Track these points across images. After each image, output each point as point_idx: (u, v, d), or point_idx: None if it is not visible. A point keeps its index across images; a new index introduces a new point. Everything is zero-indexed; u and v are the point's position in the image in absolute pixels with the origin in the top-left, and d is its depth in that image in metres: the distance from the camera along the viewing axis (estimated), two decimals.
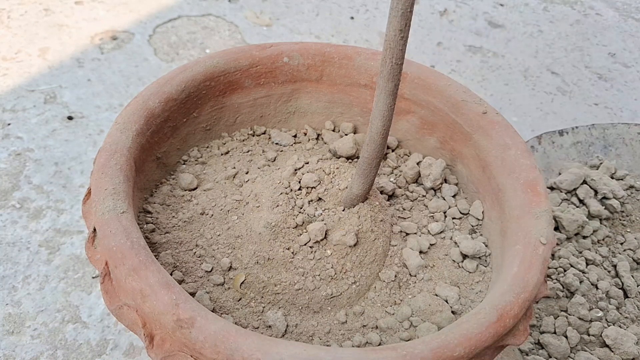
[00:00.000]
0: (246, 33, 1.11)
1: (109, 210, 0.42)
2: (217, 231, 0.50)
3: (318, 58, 0.60)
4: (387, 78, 0.41)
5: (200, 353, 0.37)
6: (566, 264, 0.63)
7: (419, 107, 0.59)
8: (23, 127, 0.86)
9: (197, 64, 0.56)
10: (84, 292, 0.66)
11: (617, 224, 0.70)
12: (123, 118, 0.50)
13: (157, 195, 0.53)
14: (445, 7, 1.25)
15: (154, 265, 0.40)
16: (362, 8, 1.22)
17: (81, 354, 0.61)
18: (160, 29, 1.09)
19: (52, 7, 1.10)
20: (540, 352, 0.58)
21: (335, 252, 0.48)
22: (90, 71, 0.97)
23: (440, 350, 0.37)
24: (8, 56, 0.98)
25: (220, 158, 0.59)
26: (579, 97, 1.05)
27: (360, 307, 0.48)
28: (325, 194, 0.49)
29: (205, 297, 0.45)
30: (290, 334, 0.46)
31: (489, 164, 0.53)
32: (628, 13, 1.29)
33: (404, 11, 0.38)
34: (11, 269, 0.68)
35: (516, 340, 0.42)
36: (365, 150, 0.45)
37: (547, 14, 1.27)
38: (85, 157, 0.82)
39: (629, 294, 0.64)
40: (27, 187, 0.77)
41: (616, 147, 0.77)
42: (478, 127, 0.54)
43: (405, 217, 0.55)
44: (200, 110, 0.58)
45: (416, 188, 0.57)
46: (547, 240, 0.45)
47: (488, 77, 1.08)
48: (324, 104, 0.63)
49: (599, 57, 1.15)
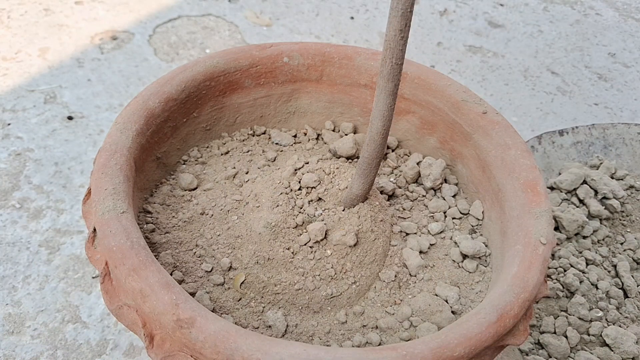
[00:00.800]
0: (246, 33, 1.11)
1: (109, 210, 0.42)
2: (217, 231, 0.50)
3: (318, 58, 0.60)
4: (387, 78, 0.41)
5: (200, 353, 0.37)
6: (566, 264, 0.64)
7: (419, 107, 0.59)
8: (23, 127, 0.86)
9: (197, 64, 0.56)
10: (84, 292, 0.66)
11: (617, 224, 0.70)
12: (123, 118, 0.50)
13: (157, 195, 0.53)
14: (445, 7, 1.25)
15: (154, 265, 0.40)
16: (362, 8, 1.22)
17: (81, 354, 0.61)
18: (160, 29, 1.09)
19: (52, 7, 1.10)
20: (540, 352, 0.58)
21: (335, 252, 0.48)
22: (90, 71, 0.97)
23: (440, 350, 0.37)
24: (8, 56, 0.98)
25: (220, 158, 0.59)
26: (579, 97, 1.05)
27: (360, 307, 0.48)
28: (325, 194, 0.49)
29: (205, 297, 0.45)
30: (290, 334, 0.46)
31: (489, 164, 0.53)
32: (628, 13, 1.29)
33: (404, 11, 0.38)
34: (11, 269, 0.68)
35: (516, 340, 0.42)
36: (365, 150, 0.45)
37: (547, 14, 1.27)
38: (85, 157, 0.82)
39: (629, 294, 0.64)
40: (27, 187, 0.77)
41: (616, 147, 0.77)
42: (478, 127, 0.54)
43: (405, 217, 0.55)
44: (200, 110, 0.58)
45: (416, 188, 0.58)
46: (547, 240, 0.45)
47: (488, 77, 1.08)
48: (324, 104, 0.63)
49: (599, 57, 1.15)
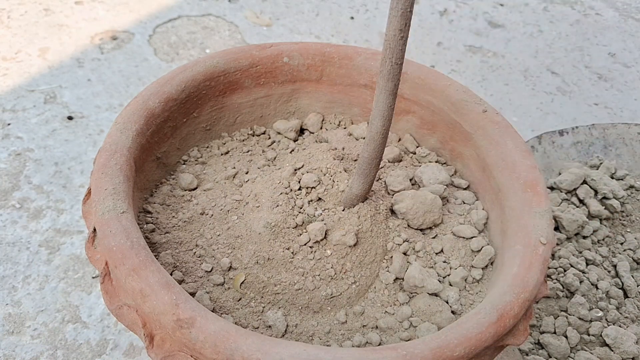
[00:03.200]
0: (246, 33, 1.11)
1: (109, 210, 0.42)
2: (217, 231, 0.50)
3: (318, 58, 0.60)
4: (387, 78, 0.41)
5: (200, 353, 0.37)
6: (566, 264, 0.64)
7: (419, 107, 0.59)
8: (23, 127, 0.86)
9: (197, 64, 0.56)
10: (84, 292, 0.66)
11: (617, 224, 0.70)
12: (123, 118, 0.50)
13: (157, 195, 0.53)
14: (445, 7, 1.25)
15: (154, 265, 0.40)
16: (362, 8, 1.22)
17: (81, 354, 0.61)
18: (160, 29, 1.09)
19: (52, 7, 1.10)
20: (540, 352, 0.58)
21: (335, 252, 0.48)
22: (90, 71, 0.97)
23: (440, 350, 0.37)
24: (8, 56, 0.98)
25: (220, 158, 0.59)
26: (579, 97, 1.05)
27: (360, 307, 0.48)
28: (325, 194, 0.49)
29: (205, 297, 0.45)
30: (290, 334, 0.46)
31: (489, 164, 0.53)
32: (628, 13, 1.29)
33: (404, 11, 0.38)
34: (11, 269, 0.68)
35: (516, 340, 0.42)
36: (365, 150, 0.45)
37: (547, 14, 1.27)
38: (85, 157, 0.82)
39: (629, 293, 0.64)
40: (27, 187, 0.77)
41: (616, 147, 0.77)
42: (478, 127, 0.54)
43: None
44: (200, 110, 0.58)
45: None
46: (547, 240, 0.45)
47: (488, 77, 1.08)
48: (324, 104, 0.63)
49: (599, 57, 1.16)
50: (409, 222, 0.51)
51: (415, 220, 0.51)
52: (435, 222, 0.52)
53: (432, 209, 0.51)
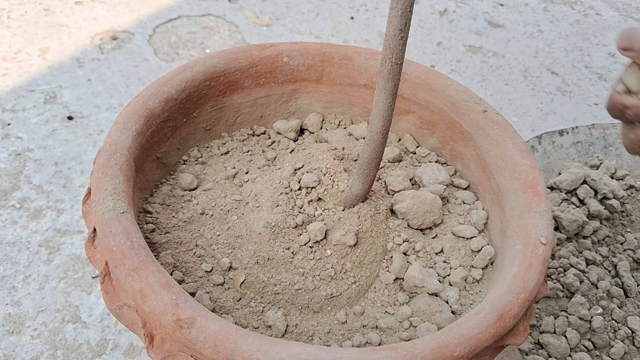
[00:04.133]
0: (246, 33, 1.11)
1: (109, 210, 0.42)
2: (217, 231, 0.50)
3: (318, 58, 0.60)
4: (387, 78, 0.41)
5: (200, 353, 0.37)
6: (566, 264, 0.64)
7: (418, 107, 0.59)
8: (23, 127, 0.86)
9: (197, 64, 0.56)
10: (84, 292, 0.67)
11: (617, 224, 0.70)
12: (123, 118, 0.50)
13: (157, 195, 0.53)
14: (445, 7, 1.25)
15: (154, 265, 0.40)
16: (362, 8, 1.22)
17: (81, 354, 0.61)
18: (160, 29, 1.09)
19: (52, 7, 1.10)
20: (540, 352, 0.58)
21: (335, 252, 0.48)
22: (90, 71, 0.97)
23: (440, 350, 0.37)
24: (8, 56, 0.98)
25: (220, 158, 0.59)
26: (579, 97, 1.05)
27: (360, 307, 0.48)
28: (325, 194, 0.49)
29: (205, 297, 0.45)
30: (290, 334, 0.46)
31: (489, 164, 0.53)
32: (628, 13, 1.29)
33: (403, 11, 0.38)
34: (11, 269, 0.68)
35: (516, 340, 0.42)
36: (365, 150, 0.45)
37: (547, 14, 1.27)
38: (85, 157, 0.82)
39: (629, 293, 0.64)
40: (27, 187, 0.77)
41: (616, 147, 0.77)
42: (478, 127, 0.54)
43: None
44: (200, 110, 0.58)
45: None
46: (547, 240, 0.45)
47: (488, 77, 1.08)
48: (323, 104, 0.63)
49: (599, 57, 1.15)
50: (409, 222, 0.51)
51: (415, 220, 0.51)
52: (435, 222, 0.52)
53: (432, 209, 0.51)
